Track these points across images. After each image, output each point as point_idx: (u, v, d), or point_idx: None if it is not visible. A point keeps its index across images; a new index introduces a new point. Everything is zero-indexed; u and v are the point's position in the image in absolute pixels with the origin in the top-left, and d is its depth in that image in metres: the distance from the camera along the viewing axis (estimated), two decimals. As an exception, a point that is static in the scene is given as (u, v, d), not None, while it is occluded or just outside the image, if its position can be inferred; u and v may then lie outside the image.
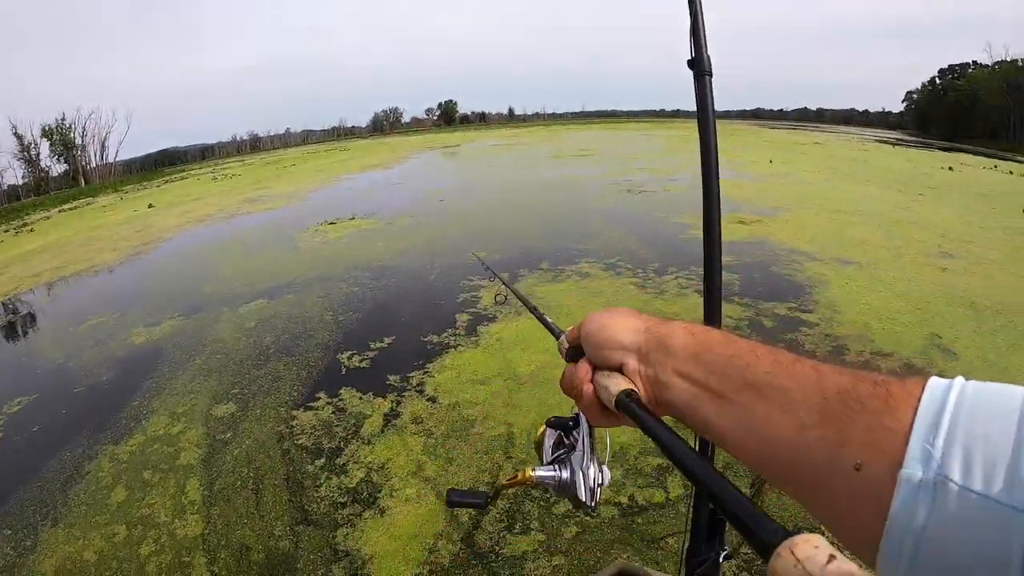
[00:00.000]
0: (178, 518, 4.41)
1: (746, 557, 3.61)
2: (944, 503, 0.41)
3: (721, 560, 1.52)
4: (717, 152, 1.41)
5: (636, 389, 0.68)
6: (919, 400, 0.45)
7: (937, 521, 0.41)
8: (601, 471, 0.84)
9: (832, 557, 0.42)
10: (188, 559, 4.00)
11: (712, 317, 1.43)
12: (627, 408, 0.66)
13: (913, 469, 0.43)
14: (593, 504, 0.83)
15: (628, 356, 0.71)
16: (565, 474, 0.84)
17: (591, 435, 0.85)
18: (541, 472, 0.85)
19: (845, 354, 6.41)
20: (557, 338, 0.94)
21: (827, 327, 7.11)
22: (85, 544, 4.26)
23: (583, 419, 0.84)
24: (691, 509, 1.52)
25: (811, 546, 0.42)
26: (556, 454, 0.89)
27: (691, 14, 1.32)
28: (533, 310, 1.17)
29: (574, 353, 0.79)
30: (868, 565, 0.45)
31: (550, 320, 1.10)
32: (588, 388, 0.74)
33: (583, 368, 0.75)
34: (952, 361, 6.29)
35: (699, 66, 1.34)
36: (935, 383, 0.46)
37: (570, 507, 4.05)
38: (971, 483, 0.40)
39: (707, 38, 1.35)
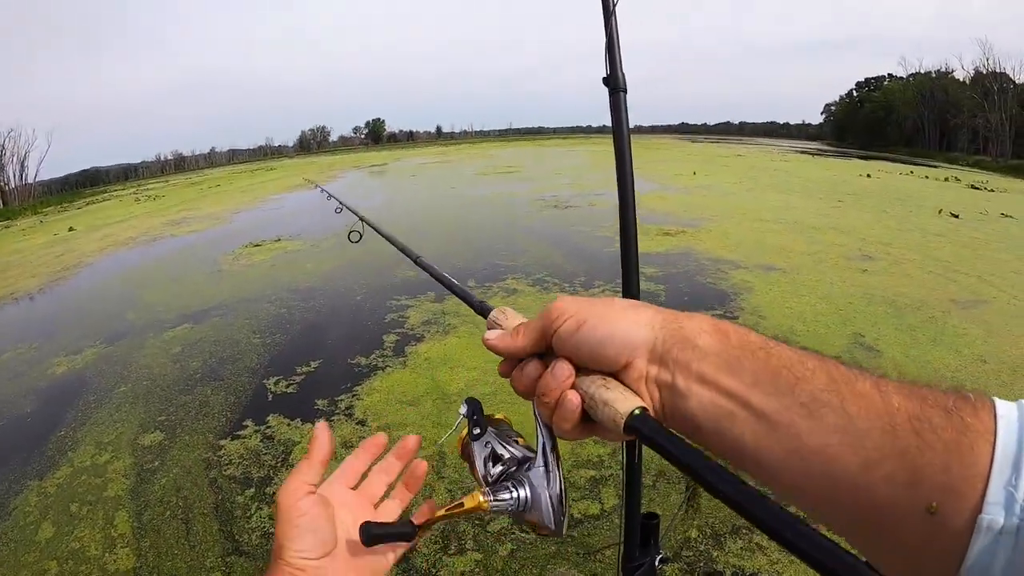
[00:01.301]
0: (108, 552, 4.26)
1: (688, 560, 3.74)
2: None
3: (657, 564, 1.54)
4: (632, 166, 1.46)
5: (646, 405, 0.57)
6: (995, 433, 0.42)
7: (1019, 573, 0.39)
8: (563, 488, 0.70)
9: None
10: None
11: None
12: (645, 433, 0.55)
13: (994, 515, 0.40)
14: (563, 529, 0.70)
15: (637, 356, 0.58)
16: (523, 493, 0.69)
17: (554, 445, 0.70)
18: (496, 499, 0.70)
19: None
20: (483, 314, 0.86)
21: (753, 332, 7.35)
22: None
23: (541, 424, 0.68)
24: (623, 517, 1.54)
25: None
26: (500, 468, 0.75)
27: (607, 33, 1.37)
28: (443, 280, 1.11)
29: (530, 346, 0.67)
30: None
31: (466, 290, 1.05)
32: (572, 399, 0.60)
33: (563, 371, 0.61)
34: (876, 358, 6.59)
35: (614, 83, 1.39)
36: (1006, 411, 0.43)
37: (511, 523, 4.15)
38: None
39: (623, 56, 1.39)
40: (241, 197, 29.52)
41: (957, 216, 15.65)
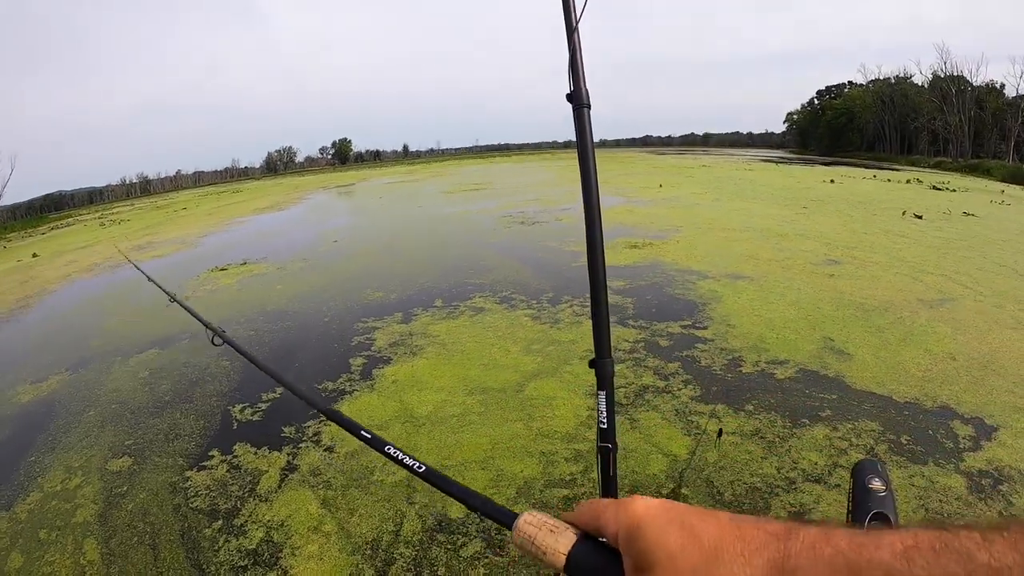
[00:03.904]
0: None
1: None
2: None
3: None
4: (597, 181, 1.44)
5: None
6: None
7: None
8: None
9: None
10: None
11: (601, 341, 1.45)
12: None
13: None
14: None
15: None
16: None
17: None
18: None
19: (741, 365, 6.63)
20: (506, 525, 0.77)
21: (722, 341, 7.33)
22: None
23: None
24: None
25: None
26: None
27: (569, 49, 1.36)
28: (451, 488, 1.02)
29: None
30: None
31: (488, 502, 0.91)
32: None
33: None
34: (846, 361, 6.61)
35: (577, 99, 1.38)
36: None
37: (484, 548, 4.09)
38: None
39: (585, 72, 1.39)
40: (208, 220, 29.21)
41: (921, 217, 15.93)
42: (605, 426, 1.44)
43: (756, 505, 4.26)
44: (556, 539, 0.66)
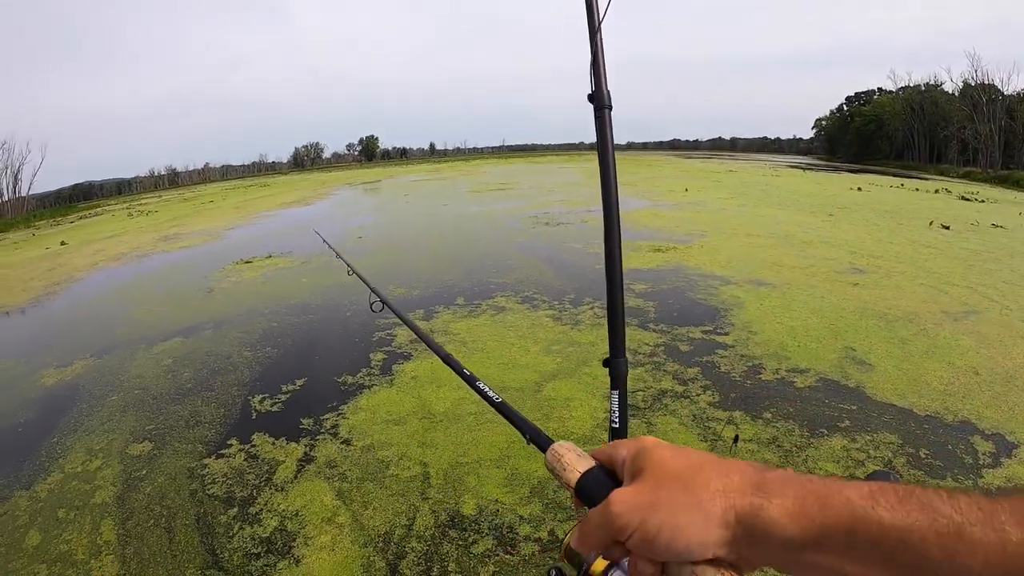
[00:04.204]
0: (94, 557, 4.26)
1: None
2: None
3: None
4: (616, 183, 1.45)
5: None
6: None
7: None
8: None
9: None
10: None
11: (616, 341, 1.46)
12: None
13: None
14: None
15: (719, 553, 0.56)
16: None
17: None
18: None
19: (761, 372, 6.58)
20: (540, 447, 0.89)
21: (743, 348, 7.28)
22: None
23: None
24: None
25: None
26: None
27: (592, 51, 1.36)
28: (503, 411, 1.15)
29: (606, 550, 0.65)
30: None
31: (524, 418, 1.07)
32: None
33: (646, 570, 0.59)
34: (867, 372, 6.53)
35: (599, 100, 1.38)
36: None
37: (495, 545, 4.10)
38: None
39: (608, 73, 1.39)
40: (234, 213, 29.47)
41: (948, 228, 15.71)
42: (617, 426, 1.44)
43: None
44: (578, 461, 0.76)
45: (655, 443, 0.65)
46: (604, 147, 1.42)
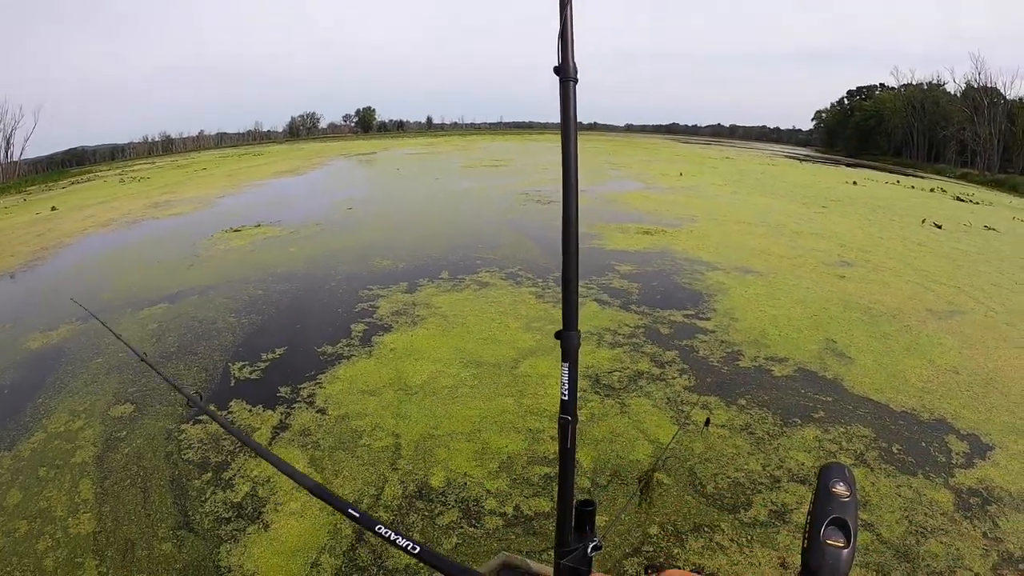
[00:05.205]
0: (72, 515, 4.35)
1: (647, 555, 3.70)
2: None
3: (590, 552, 1.45)
4: (577, 157, 1.39)
5: None
6: None
7: None
8: None
9: None
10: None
11: (569, 314, 1.45)
12: None
13: None
14: None
15: None
16: None
17: None
18: None
19: (739, 359, 6.62)
20: None
21: (723, 334, 7.32)
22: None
23: None
24: (557, 501, 1.48)
25: None
26: None
27: (560, 22, 1.32)
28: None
29: None
30: None
31: None
32: None
33: None
34: (846, 364, 6.58)
35: (564, 72, 1.33)
36: None
37: (461, 518, 4.13)
38: None
39: (575, 44, 1.35)
40: (226, 181, 29.24)
41: (940, 227, 15.74)
42: (567, 398, 1.44)
43: (737, 500, 4.27)
44: None
45: None
46: (567, 120, 1.38)
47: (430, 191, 22.06)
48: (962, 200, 24.42)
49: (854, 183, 27.45)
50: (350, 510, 1.44)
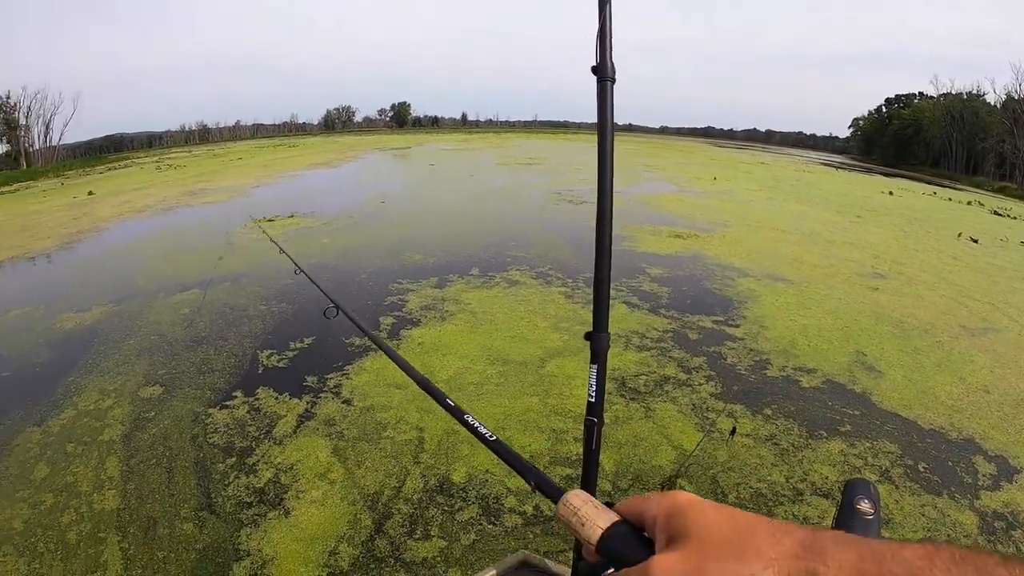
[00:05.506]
0: (97, 491, 4.44)
1: None
2: None
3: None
4: (613, 157, 1.40)
5: None
6: None
7: None
8: None
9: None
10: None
11: (599, 315, 1.45)
12: None
13: None
14: None
15: None
16: None
17: None
18: None
19: (767, 368, 6.54)
20: (551, 496, 0.90)
21: (752, 342, 7.24)
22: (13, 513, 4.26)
23: None
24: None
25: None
26: None
27: (599, 21, 1.33)
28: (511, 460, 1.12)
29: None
30: None
31: (528, 466, 1.05)
32: None
33: None
34: (875, 378, 6.46)
35: (602, 73, 1.35)
36: None
37: (480, 514, 4.15)
38: None
39: (613, 45, 1.36)
40: (261, 172, 29.50)
41: (976, 241, 15.47)
42: (594, 400, 1.44)
43: (759, 512, 4.23)
44: (598, 515, 0.69)
45: (692, 501, 0.60)
46: (603, 120, 1.39)
47: (463, 187, 22.12)
48: (1000, 214, 24.00)
49: (890, 193, 27.10)
50: (448, 401, 1.56)
